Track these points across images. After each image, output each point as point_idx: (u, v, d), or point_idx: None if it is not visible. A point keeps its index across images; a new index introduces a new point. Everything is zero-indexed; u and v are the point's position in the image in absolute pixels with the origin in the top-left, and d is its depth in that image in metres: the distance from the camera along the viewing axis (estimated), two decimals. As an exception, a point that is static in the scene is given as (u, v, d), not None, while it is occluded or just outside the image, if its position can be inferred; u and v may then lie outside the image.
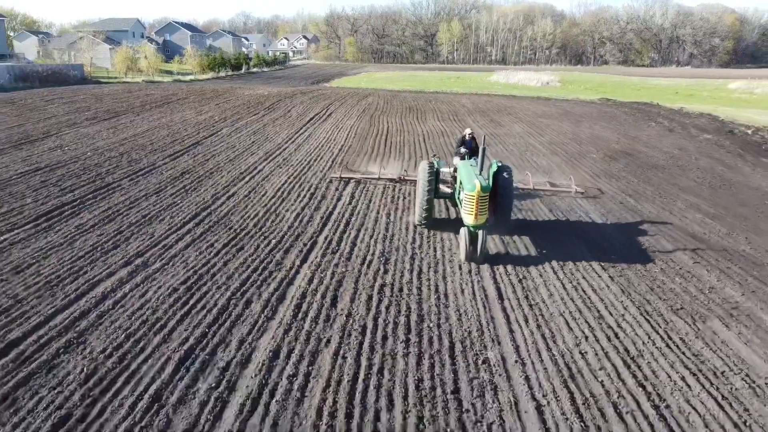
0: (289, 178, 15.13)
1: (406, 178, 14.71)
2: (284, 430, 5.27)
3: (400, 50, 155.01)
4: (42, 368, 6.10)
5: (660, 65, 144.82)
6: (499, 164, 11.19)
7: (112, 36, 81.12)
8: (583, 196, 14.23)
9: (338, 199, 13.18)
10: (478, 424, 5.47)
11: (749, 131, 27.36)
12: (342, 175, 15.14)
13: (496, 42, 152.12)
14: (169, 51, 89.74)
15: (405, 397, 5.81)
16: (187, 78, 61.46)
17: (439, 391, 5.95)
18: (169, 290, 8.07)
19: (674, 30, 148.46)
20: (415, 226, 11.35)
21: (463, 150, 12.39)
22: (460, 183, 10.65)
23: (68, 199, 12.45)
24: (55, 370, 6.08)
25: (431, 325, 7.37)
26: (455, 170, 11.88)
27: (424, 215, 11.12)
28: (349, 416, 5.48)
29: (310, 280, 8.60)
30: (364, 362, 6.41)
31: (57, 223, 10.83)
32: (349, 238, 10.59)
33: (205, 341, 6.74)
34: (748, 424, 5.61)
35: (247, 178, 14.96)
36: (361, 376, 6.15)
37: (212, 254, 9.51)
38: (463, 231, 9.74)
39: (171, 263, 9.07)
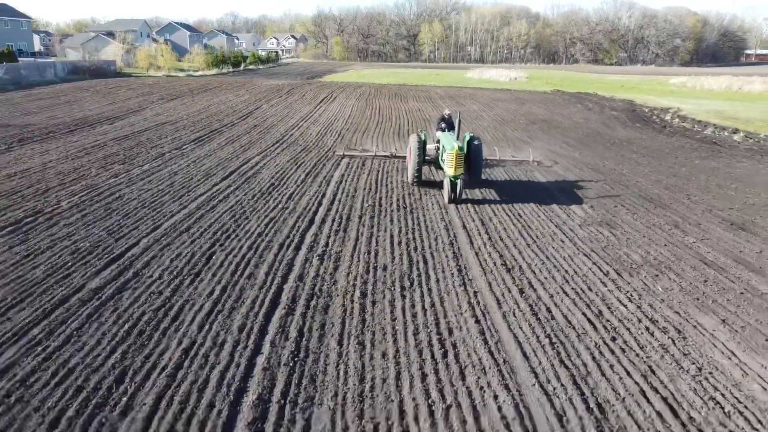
0: (321, 128, 24.33)
1: (396, 155, 18.20)
2: (352, 188, 14.42)
3: (385, 49, 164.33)
4: (247, 179, 15.21)
5: (627, 64, 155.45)
6: (471, 135, 14.79)
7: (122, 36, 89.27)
8: (540, 165, 18.07)
9: (359, 130, 22.39)
10: (429, 222, 14.67)
11: (646, 110, 37.02)
12: (345, 153, 18.64)
13: (474, 42, 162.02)
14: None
15: (396, 183, 15.02)
16: (197, 74, 69.90)
17: (416, 189, 15.21)
18: (285, 162, 17.21)
19: (639, 31, 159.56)
20: (410, 184, 14.93)
21: (443, 125, 15.90)
22: (443, 147, 14.08)
23: (199, 135, 21.52)
24: (252, 181, 15.18)
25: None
26: (438, 141, 15.26)
27: (415, 175, 14.64)
28: (377, 186, 14.67)
29: (349, 161, 17.80)
30: (381, 177, 15.63)
31: (204, 144, 19.91)
32: (365, 152, 19.82)
33: (311, 172, 15.91)
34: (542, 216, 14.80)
35: (295, 129, 24.12)
36: (379, 180, 15.37)
37: (297, 153, 18.70)
38: (445, 181, 13.40)
39: (279, 156, 18.22)
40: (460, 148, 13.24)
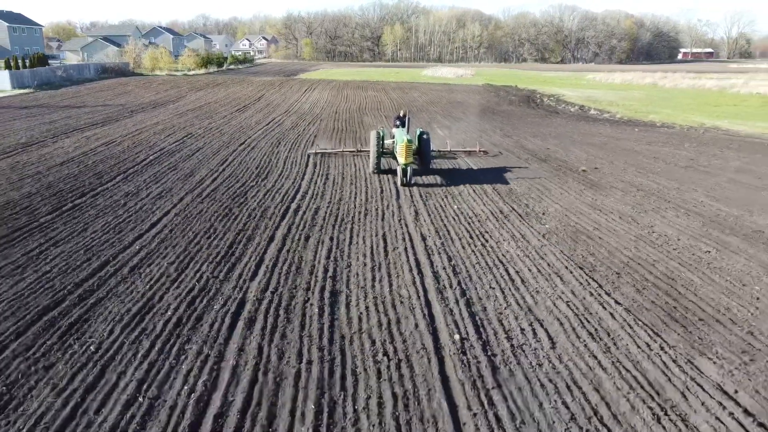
0: (311, 105, 38.14)
1: (360, 150, 20.56)
2: (326, 125, 28.26)
3: (351, 50, 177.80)
4: (279, 125, 28.94)
5: (570, 62, 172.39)
6: (421, 130, 17.76)
7: (116, 40, 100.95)
8: (486, 155, 21.64)
9: (333, 107, 36.34)
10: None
11: (538, 96, 51.67)
12: (317, 151, 21.03)
13: (433, 43, 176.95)
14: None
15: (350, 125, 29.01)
16: (191, 73, 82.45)
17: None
18: (295, 119, 30.94)
19: (581, 32, 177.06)
20: (371, 173, 17.58)
21: (398, 123, 18.45)
22: (396, 141, 16.72)
23: (237, 108, 35.07)
24: (282, 126, 28.89)
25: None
26: (393, 136, 17.80)
27: (375, 165, 17.14)
28: (346, 129, 28.60)
29: (329, 119, 31.64)
30: (345, 125, 29.60)
31: (242, 112, 33.49)
32: (341, 115, 33.67)
33: (311, 122, 29.73)
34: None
35: (294, 105, 37.85)
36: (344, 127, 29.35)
37: (300, 116, 32.46)
38: (399, 168, 15.97)
39: (290, 117, 31.95)
40: (410, 141, 15.74)
